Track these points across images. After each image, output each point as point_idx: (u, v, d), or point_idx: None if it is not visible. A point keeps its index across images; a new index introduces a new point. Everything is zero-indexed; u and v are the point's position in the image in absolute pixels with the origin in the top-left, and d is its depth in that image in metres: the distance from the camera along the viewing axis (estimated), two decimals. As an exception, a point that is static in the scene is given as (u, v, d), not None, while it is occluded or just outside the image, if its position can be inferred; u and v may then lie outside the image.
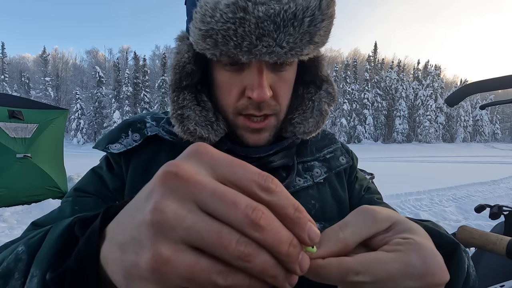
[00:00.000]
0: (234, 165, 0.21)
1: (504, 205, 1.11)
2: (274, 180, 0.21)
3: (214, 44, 0.42)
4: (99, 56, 59.79)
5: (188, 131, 0.50)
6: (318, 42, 0.45)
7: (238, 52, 0.42)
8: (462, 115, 48.73)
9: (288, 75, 0.50)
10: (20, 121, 4.91)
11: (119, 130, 0.56)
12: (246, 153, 0.52)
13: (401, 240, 0.25)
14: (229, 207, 0.19)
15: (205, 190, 0.19)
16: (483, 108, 1.04)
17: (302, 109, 0.57)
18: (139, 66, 43.80)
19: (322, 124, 0.56)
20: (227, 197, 0.19)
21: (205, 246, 0.19)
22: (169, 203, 0.19)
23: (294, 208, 0.21)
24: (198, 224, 0.19)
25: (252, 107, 0.48)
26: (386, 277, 0.23)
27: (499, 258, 0.76)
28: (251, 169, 0.21)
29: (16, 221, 4.12)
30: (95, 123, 40.12)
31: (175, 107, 0.51)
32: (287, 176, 0.54)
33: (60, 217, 0.49)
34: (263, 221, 0.19)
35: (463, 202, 5.56)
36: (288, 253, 0.20)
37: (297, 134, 0.55)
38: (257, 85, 0.45)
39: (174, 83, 0.51)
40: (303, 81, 0.59)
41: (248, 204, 0.19)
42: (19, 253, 0.29)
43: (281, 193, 0.21)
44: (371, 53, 51.02)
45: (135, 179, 0.53)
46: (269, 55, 0.42)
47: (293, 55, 0.43)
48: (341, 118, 41.45)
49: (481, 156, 21.04)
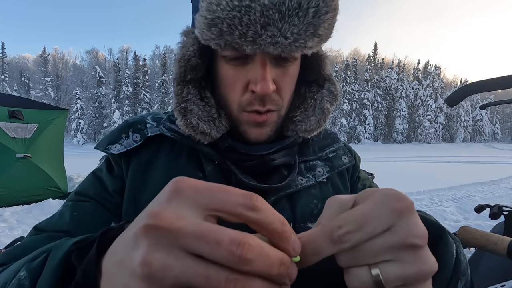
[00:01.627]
0: (216, 193, 0.21)
1: (504, 205, 1.11)
2: (259, 198, 0.22)
3: (219, 34, 0.43)
4: (99, 56, 59.86)
5: (191, 125, 0.50)
6: (322, 36, 0.45)
7: (242, 42, 0.42)
8: (462, 115, 48.74)
9: (292, 71, 0.50)
10: (20, 121, 4.91)
11: (120, 131, 0.56)
12: (247, 150, 0.52)
13: (363, 194, 0.27)
14: (213, 247, 0.19)
15: (188, 234, 0.19)
16: (483, 108, 1.04)
17: (304, 107, 0.57)
18: (139, 66, 43.82)
19: (323, 122, 0.56)
20: (209, 237, 0.19)
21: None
22: (155, 255, 0.19)
23: (281, 223, 0.22)
24: (186, 270, 0.19)
25: (257, 103, 0.48)
26: (365, 219, 0.24)
27: (499, 258, 0.76)
28: (234, 192, 0.21)
29: (16, 221, 4.12)
30: (95, 123, 40.14)
31: (179, 100, 0.51)
32: (288, 175, 0.53)
33: (60, 222, 0.49)
34: (250, 254, 0.19)
35: (463, 202, 5.55)
36: (279, 273, 0.21)
37: (299, 132, 0.55)
38: (261, 78, 0.45)
39: (178, 77, 0.51)
40: (305, 80, 0.59)
41: (231, 240, 0.19)
42: (21, 278, 0.30)
43: (267, 209, 0.22)
44: (371, 53, 51.10)
45: (135, 179, 0.53)
46: (273, 46, 0.42)
47: (297, 47, 0.43)
48: (341, 118, 41.45)
49: (481, 156, 21.05)
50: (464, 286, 0.38)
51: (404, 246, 0.24)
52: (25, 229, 3.76)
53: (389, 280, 0.24)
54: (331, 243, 0.24)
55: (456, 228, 0.84)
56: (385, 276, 0.24)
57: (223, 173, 0.52)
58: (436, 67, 46.44)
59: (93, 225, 0.49)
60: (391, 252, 0.24)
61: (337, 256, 0.25)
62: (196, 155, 0.54)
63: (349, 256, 0.25)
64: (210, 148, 0.52)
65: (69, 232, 0.48)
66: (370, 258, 0.24)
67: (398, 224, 0.24)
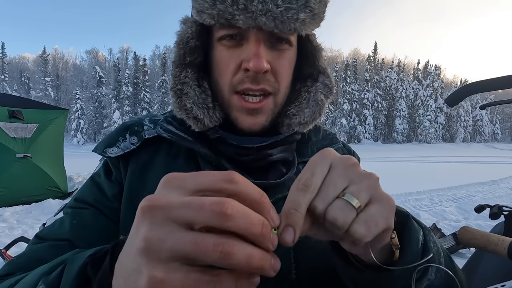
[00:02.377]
0: (199, 176, 0.24)
1: (504, 205, 1.11)
2: (237, 174, 0.24)
3: (213, 3, 0.44)
4: (99, 56, 59.87)
5: (184, 108, 0.51)
6: (314, 9, 0.46)
7: (234, 10, 0.43)
8: (462, 115, 48.73)
9: (288, 55, 0.50)
10: (20, 121, 4.91)
11: (117, 134, 0.56)
12: (238, 142, 0.52)
13: None
14: (197, 210, 0.21)
15: (175, 206, 0.22)
16: (483, 108, 1.04)
17: (298, 101, 0.57)
18: (139, 66, 43.80)
19: (318, 115, 0.56)
20: (193, 203, 0.22)
21: (191, 258, 0.21)
22: (152, 232, 0.22)
23: (260, 194, 0.25)
24: (177, 240, 0.21)
25: (249, 80, 0.48)
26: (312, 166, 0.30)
27: (499, 258, 0.76)
28: (215, 173, 0.24)
29: (16, 221, 4.12)
30: (95, 123, 40.13)
31: (176, 82, 0.51)
32: (287, 172, 0.53)
33: (60, 231, 0.50)
34: (230, 209, 0.21)
35: (463, 202, 5.55)
36: (262, 233, 0.23)
37: (293, 125, 0.55)
38: (254, 54, 0.45)
39: (178, 59, 0.52)
40: (301, 77, 0.59)
41: (212, 201, 0.21)
42: None
43: (245, 181, 0.24)
44: (371, 53, 51.06)
45: (133, 182, 0.53)
46: (265, 15, 0.43)
47: (290, 19, 0.44)
48: (341, 118, 41.44)
49: (481, 156, 21.03)
50: (438, 274, 0.38)
51: (348, 169, 0.29)
52: (25, 229, 3.76)
53: (359, 196, 0.28)
54: (300, 192, 0.28)
55: (456, 228, 0.84)
56: (353, 194, 0.28)
57: None
58: (436, 67, 46.42)
59: (93, 232, 0.50)
60: (343, 178, 0.29)
61: (313, 206, 0.28)
62: (194, 157, 0.54)
63: (320, 198, 0.28)
64: (207, 149, 0.52)
65: (70, 240, 0.49)
66: (334, 190, 0.28)
67: (334, 160, 0.30)
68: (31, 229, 3.77)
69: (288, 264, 0.47)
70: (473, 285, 1.05)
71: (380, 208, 0.29)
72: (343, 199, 0.28)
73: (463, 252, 3.00)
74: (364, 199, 0.28)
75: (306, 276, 0.47)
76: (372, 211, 0.28)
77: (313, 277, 0.47)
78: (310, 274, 0.47)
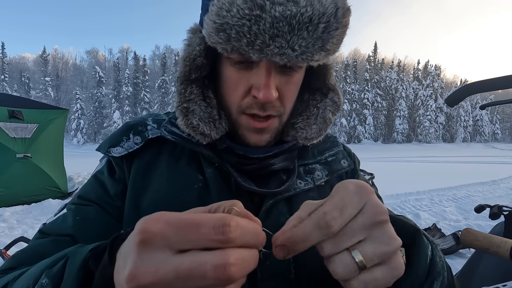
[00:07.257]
0: (185, 229, 0.24)
1: (504, 205, 1.10)
2: (234, 217, 0.25)
3: (227, 39, 0.42)
4: (99, 56, 59.86)
5: (191, 125, 0.51)
6: (330, 50, 0.44)
7: (249, 49, 0.42)
8: (462, 115, 48.72)
9: (296, 79, 0.50)
10: (20, 121, 4.91)
11: (121, 133, 0.56)
12: (244, 152, 0.52)
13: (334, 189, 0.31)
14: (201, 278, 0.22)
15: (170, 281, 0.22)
16: (483, 108, 1.04)
17: (306, 115, 0.57)
18: (139, 66, 43.81)
19: (324, 132, 0.56)
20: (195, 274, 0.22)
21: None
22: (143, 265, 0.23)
23: (256, 234, 0.26)
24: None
25: (257, 107, 0.48)
26: (344, 204, 0.28)
27: (501, 258, 0.76)
28: (205, 221, 0.24)
29: (16, 221, 4.12)
30: (95, 123, 40.11)
31: (181, 100, 0.51)
32: (287, 179, 0.53)
33: (63, 226, 0.50)
34: (234, 272, 0.22)
35: (463, 202, 5.55)
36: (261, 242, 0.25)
37: (299, 139, 0.55)
38: (264, 85, 0.45)
39: (183, 75, 0.51)
40: (309, 87, 0.58)
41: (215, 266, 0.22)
42: (44, 285, 0.34)
43: (243, 225, 0.25)
44: (371, 53, 51.05)
45: (136, 182, 0.53)
46: (280, 56, 0.42)
47: (304, 60, 0.43)
48: (341, 118, 41.40)
49: (481, 156, 21.04)
50: (441, 286, 0.38)
51: (374, 223, 0.28)
52: (25, 229, 3.76)
53: (369, 258, 0.27)
54: (319, 229, 0.27)
55: (456, 228, 0.84)
56: (364, 254, 0.27)
57: (222, 176, 0.52)
58: (436, 67, 46.44)
59: (95, 228, 0.50)
60: (365, 231, 0.28)
61: (319, 245, 0.28)
62: (197, 158, 0.54)
63: (331, 243, 0.28)
64: (210, 151, 0.52)
65: (73, 235, 0.49)
66: (349, 240, 0.28)
67: (367, 205, 0.29)
68: (31, 229, 3.77)
69: (288, 264, 0.47)
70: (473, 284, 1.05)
71: (387, 274, 0.28)
72: (351, 255, 0.28)
73: (463, 252, 3.01)
74: (373, 262, 0.28)
75: (305, 276, 0.48)
76: (377, 275, 0.28)
77: (312, 277, 0.47)
78: (310, 274, 0.47)
